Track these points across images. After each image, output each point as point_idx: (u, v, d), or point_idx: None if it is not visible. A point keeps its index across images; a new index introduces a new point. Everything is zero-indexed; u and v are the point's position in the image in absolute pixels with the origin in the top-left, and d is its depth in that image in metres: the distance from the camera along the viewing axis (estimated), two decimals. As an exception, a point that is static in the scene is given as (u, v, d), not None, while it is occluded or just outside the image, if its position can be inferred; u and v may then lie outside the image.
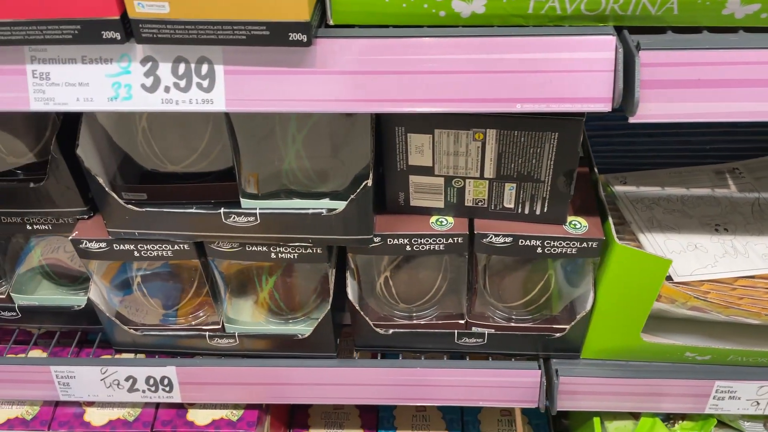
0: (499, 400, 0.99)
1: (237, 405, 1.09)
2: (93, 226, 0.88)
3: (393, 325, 0.97)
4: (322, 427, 1.29)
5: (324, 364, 0.98)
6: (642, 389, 0.95)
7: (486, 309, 0.97)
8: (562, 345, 0.95)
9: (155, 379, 0.99)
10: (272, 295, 0.95)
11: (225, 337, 0.97)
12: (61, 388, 1.00)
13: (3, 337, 1.10)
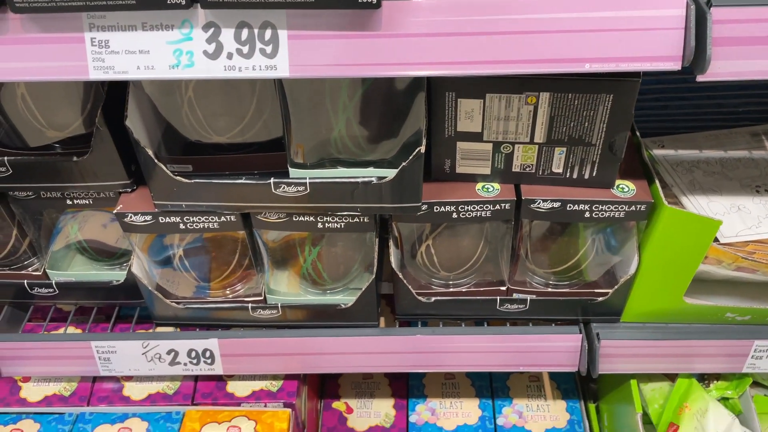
0: (540, 365, 1.00)
1: (276, 376, 1.10)
2: (136, 199, 0.87)
3: (435, 293, 0.97)
4: (353, 397, 1.30)
5: (366, 333, 0.98)
6: (681, 350, 0.96)
7: (527, 275, 0.97)
8: (603, 309, 0.96)
9: (197, 351, 0.99)
10: (315, 266, 0.95)
11: (267, 309, 0.97)
12: (101, 363, 1.00)
13: (34, 316, 1.09)
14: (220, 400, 1.07)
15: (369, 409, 1.28)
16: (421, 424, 1.25)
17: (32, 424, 1.02)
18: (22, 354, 0.99)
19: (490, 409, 1.27)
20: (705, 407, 1.01)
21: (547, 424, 1.24)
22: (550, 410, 1.26)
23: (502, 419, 1.25)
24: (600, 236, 0.92)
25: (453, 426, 1.24)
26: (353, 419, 1.27)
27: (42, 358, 0.99)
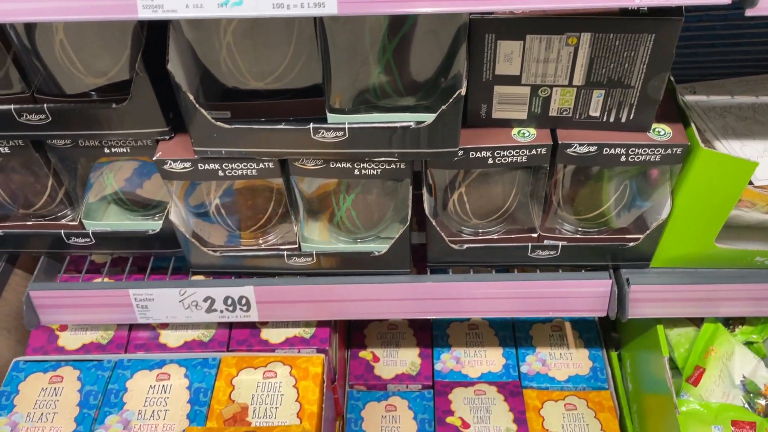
0: (570, 310, 1.02)
1: (308, 323, 1.12)
2: (175, 146, 0.87)
3: (467, 240, 0.98)
4: (379, 347, 1.33)
5: (400, 279, 1.00)
6: (710, 294, 0.98)
7: (558, 222, 0.98)
8: (632, 255, 0.97)
9: (233, 299, 1.01)
10: (349, 214, 0.96)
11: (302, 256, 0.99)
12: (139, 311, 1.02)
13: (68, 268, 1.11)
14: (255, 347, 1.09)
15: (395, 357, 1.31)
16: (446, 372, 1.28)
17: (72, 371, 1.04)
18: (62, 302, 1.01)
19: (513, 357, 1.29)
20: (731, 350, 1.03)
21: (570, 371, 1.26)
22: (572, 358, 1.29)
23: (526, 367, 1.28)
24: (632, 182, 0.93)
25: (478, 373, 1.27)
26: (380, 367, 1.30)
27: (81, 306, 1.01)
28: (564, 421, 1.19)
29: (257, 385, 1.02)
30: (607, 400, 1.21)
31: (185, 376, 1.03)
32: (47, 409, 0.99)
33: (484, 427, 1.16)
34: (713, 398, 1.02)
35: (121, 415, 0.99)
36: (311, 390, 1.02)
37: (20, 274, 1.16)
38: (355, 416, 1.24)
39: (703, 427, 0.98)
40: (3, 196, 0.97)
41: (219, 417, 0.98)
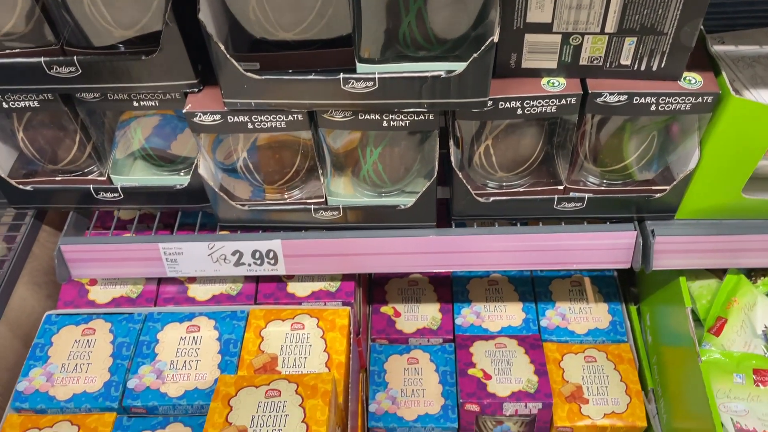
0: (594, 263, 1.03)
1: (334, 277, 1.14)
2: (204, 99, 0.87)
3: (493, 193, 0.99)
4: (400, 302, 1.35)
5: (425, 233, 1.01)
6: (734, 245, 0.98)
7: (584, 174, 0.99)
8: (658, 206, 0.98)
9: (261, 252, 1.02)
10: (375, 168, 0.96)
11: (329, 210, 0.99)
12: (168, 264, 1.03)
13: (96, 225, 1.12)
14: (282, 300, 1.11)
15: (416, 312, 1.33)
16: (466, 326, 1.30)
17: (103, 323, 1.06)
18: (92, 256, 1.02)
19: (533, 311, 1.31)
20: (753, 301, 1.04)
21: (589, 325, 1.28)
22: (592, 312, 1.30)
23: (546, 321, 1.29)
24: (659, 133, 0.93)
25: (498, 327, 1.29)
26: (401, 322, 1.31)
27: (111, 260, 1.03)
28: (584, 372, 1.21)
29: (285, 336, 1.04)
30: (626, 352, 1.23)
31: (215, 328, 1.05)
32: (81, 360, 1.01)
33: (506, 378, 1.18)
34: (735, 348, 1.03)
35: (154, 365, 1.01)
36: (338, 341, 1.03)
37: (48, 230, 1.17)
38: (378, 368, 1.26)
39: (725, 376, 1.00)
40: (31, 151, 0.98)
41: (249, 366, 1.01)
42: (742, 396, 0.98)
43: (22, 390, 0.99)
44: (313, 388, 0.89)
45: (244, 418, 0.86)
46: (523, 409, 1.16)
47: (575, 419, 1.15)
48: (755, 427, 0.96)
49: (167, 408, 0.98)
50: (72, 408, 0.97)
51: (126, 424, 0.95)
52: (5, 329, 1.06)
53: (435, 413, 1.19)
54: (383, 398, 1.22)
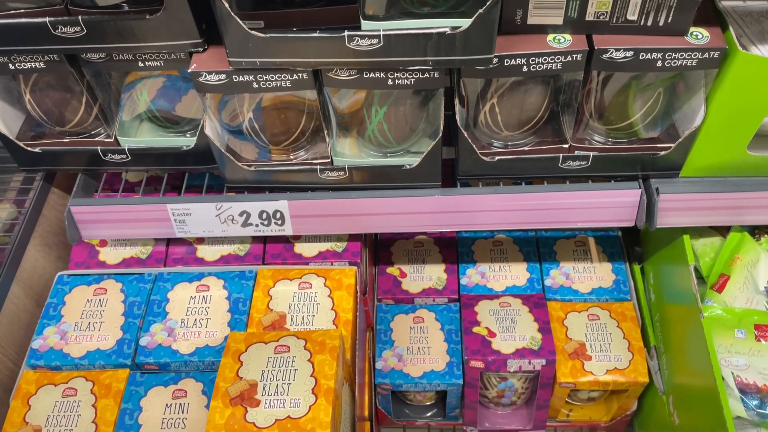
0: (599, 221, 1.03)
1: (340, 238, 1.15)
2: (209, 58, 0.87)
3: (499, 152, 0.99)
4: (405, 263, 1.36)
5: (431, 193, 1.01)
6: (738, 203, 0.99)
7: (589, 133, 0.99)
8: (663, 164, 0.98)
9: (268, 213, 1.03)
10: (381, 128, 0.97)
11: (335, 170, 1.00)
12: (177, 225, 1.04)
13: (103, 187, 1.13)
14: (289, 260, 1.12)
15: (421, 273, 1.34)
16: (471, 286, 1.32)
17: (114, 283, 1.08)
18: (102, 218, 1.04)
19: (537, 271, 1.32)
20: (756, 258, 1.05)
21: (593, 284, 1.29)
22: (596, 272, 1.31)
23: (550, 280, 1.31)
24: (665, 90, 0.93)
25: (502, 287, 1.31)
26: (407, 282, 1.33)
27: (120, 221, 1.04)
28: (587, 330, 1.22)
29: (293, 295, 1.06)
30: (629, 310, 1.24)
31: (224, 287, 1.07)
32: (94, 318, 1.04)
33: (510, 336, 1.20)
34: (737, 304, 1.04)
35: (165, 323, 1.03)
36: (345, 299, 1.05)
37: (58, 193, 1.19)
38: (385, 327, 1.28)
39: (726, 331, 1.01)
40: (39, 113, 0.99)
41: (259, 324, 1.03)
42: (743, 351, 1.00)
43: (37, 348, 1.01)
44: (321, 344, 0.91)
45: (255, 372, 0.88)
46: (527, 366, 1.18)
47: (578, 375, 1.17)
48: (755, 380, 0.98)
49: (179, 364, 1.00)
50: (86, 365, 1.00)
51: (139, 380, 0.98)
52: (18, 290, 1.08)
53: (440, 370, 1.22)
54: (390, 356, 1.25)
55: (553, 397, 1.24)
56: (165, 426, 0.94)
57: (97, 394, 0.96)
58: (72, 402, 0.96)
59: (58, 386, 0.97)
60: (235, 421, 0.83)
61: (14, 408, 0.96)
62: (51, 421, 0.94)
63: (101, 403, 0.95)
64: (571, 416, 1.35)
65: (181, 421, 0.94)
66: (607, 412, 1.34)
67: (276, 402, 0.85)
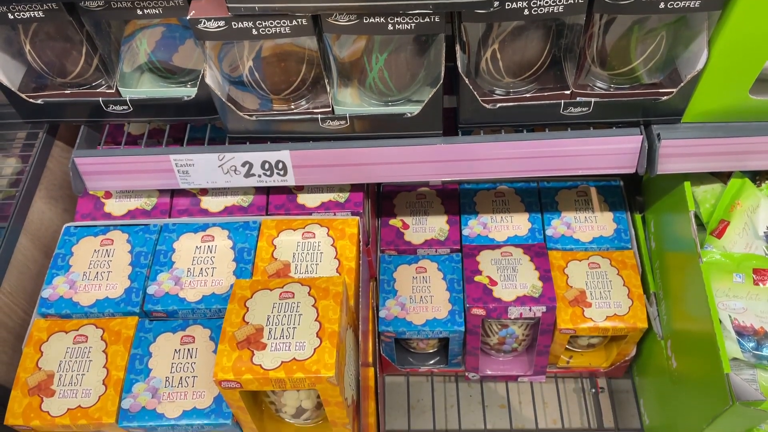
0: (600, 168, 1.04)
1: (342, 188, 1.16)
2: (207, 5, 0.87)
3: (500, 99, 0.99)
4: (408, 215, 1.38)
5: (432, 141, 1.01)
6: (740, 148, 0.99)
7: (591, 79, 0.98)
8: (664, 110, 0.98)
9: (270, 163, 1.04)
10: (381, 75, 0.96)
11: (336, 120, 1.00)
12: (180, 176, 1.05)
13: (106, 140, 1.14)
14: (293, 211, 1.14)
15: (424, 225, 1.36)
16: (473, 237, 1.33)
17: (120, 234, 1.09)
18: (106, 169, 1.05)
19: (539, 221, 1.33)
20: (756, 203, 1.05)
21: (594, 233, 1.31)
22: (597, 221, 1.32)
23: (551, 230, 1.32)
24: (667, 33, 0.92)
25: (504, 237, 1.32)
26: (409, 234, 1.34)
27: (124, 172, 1.05)
28: (588, 278, 1.24)
29: (297, 244, 1.07)
30: (630, 258, 1.26)
31: (228, 237, 1.08)
32: (101, 268, 1.05)
33: (511, 284, 1.22)
34: (736, 249, 1.05)
35: (172, 272, 1.05)
36: (348, 248, 1.07)
37: (61, 146, 1.19)
38: (388, 277, 1.30)
39: (725, 276, 1.03)
40: (39, 64, 0.98)
41: (263, 273, 1.04)
42: (741, 294, 1.01)
43: (47, 297, 1.03)
44: (325, 290, 0.93)
45: (260, 317, 0.90)
46: (528, 313, 1.20)
47: (578, 322, 1.19)
48: (752, 323, 1.00)
49: (186, 312, 1.02)
50: (96, 313, 1.02)
51: (148, 327, 1.00)
52: (27, 241, 1.10)
53: (442, 318, 1.24)
54: (393, 305, 1.27)
55: (554, 343, 1.26)
56: (174, 370, 0.96)
57: (108, 341, 0.99)
58: (83, 348, 0.98)
59: (69, 333, 1.00)
60: (243, 363, 0.85)
61: (27, 354, 0.98)
62: (63, 367, 0.97)
63: (112, 349, 0.98)
64: (571, 363, 1.38)
65: (190, 365, 0.97)
66: (606, 358, 1.37)
67: (282, 345, 0.87)
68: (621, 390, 1.48)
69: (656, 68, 0.96)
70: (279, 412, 0.98)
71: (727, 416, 0.92)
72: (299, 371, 0.85)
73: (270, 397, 0.96)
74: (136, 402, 0.94)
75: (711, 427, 0.97)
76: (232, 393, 0.87)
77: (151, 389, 0.95)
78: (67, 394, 0.94)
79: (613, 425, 1.40)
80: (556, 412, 1.45)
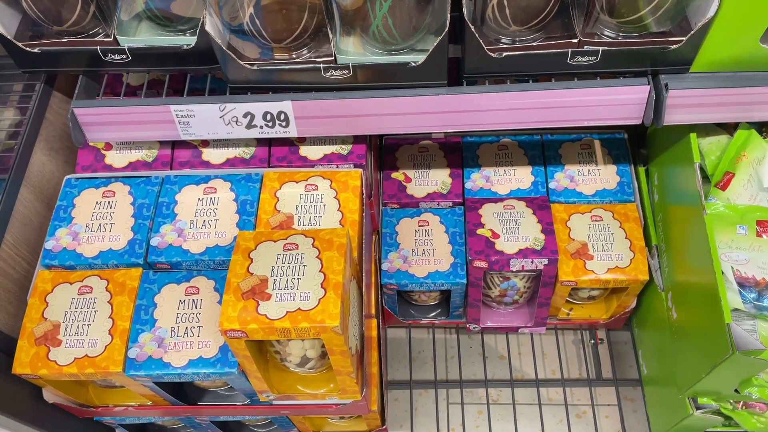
0: (606, 119, 1.02)
1: (345, 140, 1.15)
2: (206, -52, 0.84)
3: (506, 48, 0.97)
4: (410, 168, 1.37)
5: (436, 92, 1.00)
6: (749, 98, 0.98)
7: (599, 28, 0.96)
8: (673, 59, 0.96)
9: (272, 114, 1.03)
10: (385, 22, 0.94)
11: (339, 69, 0.98)
12: (181, 127, 1.04)
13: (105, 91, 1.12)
14: (295, 163, 1.13)
15: (426, 178, 1.35)
16: (476, 190, 1.33)
17: (122, 186, 1.09)
18: (105, 119, 1.03)
19: (542, 174, 1.33)
20: (762, 155, 1.05)
21: (597, 186, 1.30)
22: (600, 174, 1.32)
23: (554, 183, 1.31)
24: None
25: (507, 191, 1.32)
26: (412, 187, 1.34)
27: (124, 123, 1.04)
28: (590, 231, 1.24)
29: (300, 196, 1.07)
30: (632, 211, 1.26)
31: (231, 189, 1.08)
32: (104, 220, 1.05)
33: (513, 237, 1.22)
34: (740, 201, 1.05)
35: (175, 224, 1.05)
36: (351, 200, 1.06)
37: (59, 96, 1.17)
38: (390, 230, 1.30)
39: (728, 227, 1.03)
40: (35, 11, 0.96)
41: (267, 225, 1.04)
42: (744, 246, 1.01)
43: (51, 248, 1.03)
44: (329, 241, 0.93)
45: (265, 268, 0.90)
46: (530, 265, 1.20)
47: (579, 274, 1.20)
48: (754, 274, 1.00)
49: (190, 264, 1.03)
50: (99, 264, 1.02)
51: (152, 278, 1.01)
52: (28, 192, 1.09)
53: (445, 270, 1.25)
54: (395, 257, 1.27)
55: (555, 296, 1.27)
56: (180, 320, 0.97)
57: (112, 292, 0.99)
58: (88, 299, 0.99)
59: (73, 284, 1.00)
60: (248, 314, 0.86)
61: (32, 305, 0.99)
62: (69, 317, 0.97)
63: (117, 300, 0.99)
64: (571, 314, 1.39)
65: (195, 315, 0.97)
66: (606, 310, 1.38)
67: (286, 296, 0.87)
68: (620, 341, 1.50)
69: (665, 16, 0.94)
70: (284, 362, 0.99)
71: (726, 365, 0.94)
72: (304, 321, 0.85)
73: (275, 347, 0.97)
74: (142, 351, 0.95)
75: (709, 377, 0.98)
76: (237, 342, 0.88)
77: (157, 339, 0.96)
78: (74, 344, 0.95)
79: (611, 376, 1.43)
80: (555, 363, 1.47)
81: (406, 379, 1.47)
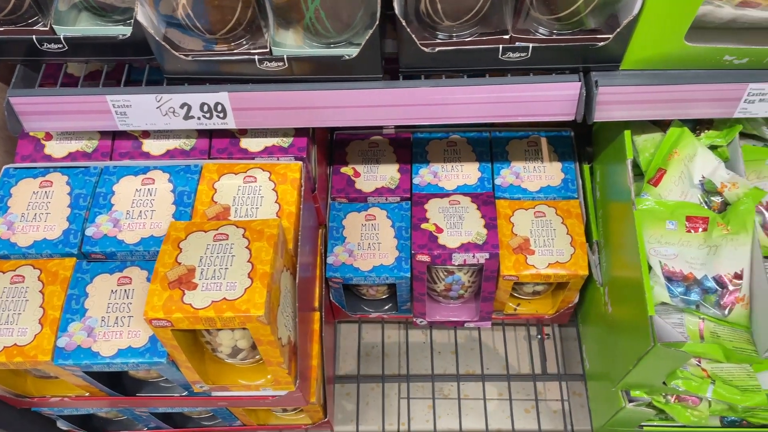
0: (540, 114, 1.04)
1: (286, 133, 1.15)
2: (134, -62, 0.85)
3: (439, 43, 0.98)
4: (360, 163, 1.38)
5: (371, 86, 1.01)
6: (677, 96, 0.99)
7: (531, 24, 0.97)
8: (603, 56, 0.97)
9: (209, 105, 1.03)
10: (318, 15, 0.95)
11: (274, 61, 0.99)
12: (118, 117, 1.04)
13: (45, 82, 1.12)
14: (235, 155, 1.13)
15: (375, 173, 1.36)
16: (423, 185, 1.34)
17: (60, 176, 1.09)
18: (42, 109, 1.03)
19: (489, 171, 1.34)
20: (693, 152, 1.07)
21: (542, 183, 1.32)
22: (546, 171, 1.33)
23: (500, 179, 1.33)
24: (606, -22, 0.91)
25: (453, 186, 1.33)
26: (360, 182, 1.35)
27: (61, 113, 1.04)
28: (533, 226, 1.26)
29: (238, 188, 1.07)
30: (575, 207, 1.27)
31: (169, 180, 1.08)
32: (40, 210, 1.05)
33: (456, 231, 1.23)
34: (671, 197, 1.07)
35: (111, 215, 1.05)
36: (290, 193, 1.07)
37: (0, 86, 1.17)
38: (337, 224, 1.31)
39: (658, 223, 1.05)
40: (-31, -1, 0.96)
41: (203, 216, 1.04)
42: (673, 241, 1.03)
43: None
44: (260, 232, 0.93)
45: (193, 258, 0.90)
46: (471, 259, 1.21)
47: (521, 269, 1.21)
48: (682, 269, 1.02)
49: (125, 254, 1.03)
50: (33, 254, 1.02)
51: (85, 268, 1.01)
52: (-36, 182, 1.09)
53: (389, 264, 1.26)
54: (341, 251, 1.28)
55: (498, 290, 1.29)
56: (110, 310, 0.97)
57: (45, 281, 0.99)
58: (20, 288, 0.98)
59: (6, 274, 1.00)
60: (173, 303, 0.86)
61: (-36, 294, 0.99)
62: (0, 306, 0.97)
63: (48, 290, 0.98)
64: (518, 310, 1.41)
65: (126, 305, 0.97)
66: (552, 305, 1.40)
67: (213, 285, 0.88)
68: (569, 337, 1.52)
69: (596, 13, 0.95)
70: (216, 352, 1.00)
71: (650, 357, 0.95)
72: (229, 310, 0.86)
73: (206, 337, 0.97)
74: (71, 341, 0.95)
75: (636, 369, 1.00)
76: (163, 332, 0.89)
77: (86, 328, 0.96)
78: (3, 333, 0.95)
79: (557, 371, 1.44)
80: (503, 358, 1.49)
81: (355, 373, 1.47)
